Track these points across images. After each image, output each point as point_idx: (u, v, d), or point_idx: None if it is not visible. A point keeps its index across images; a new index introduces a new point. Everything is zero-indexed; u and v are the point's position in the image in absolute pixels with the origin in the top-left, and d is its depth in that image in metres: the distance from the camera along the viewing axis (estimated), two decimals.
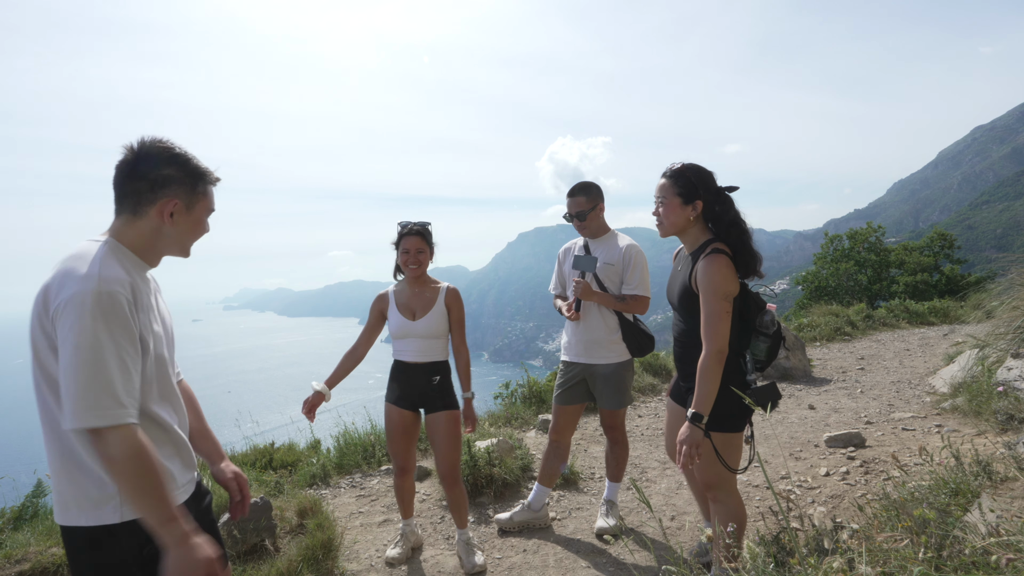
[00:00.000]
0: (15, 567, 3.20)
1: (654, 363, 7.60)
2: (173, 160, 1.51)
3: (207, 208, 1.61)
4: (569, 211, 3.19)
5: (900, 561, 1.46)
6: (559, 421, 3.37)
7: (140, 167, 1.49)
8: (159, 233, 1.53)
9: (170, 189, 1.50)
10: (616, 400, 3.26)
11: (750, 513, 3.49)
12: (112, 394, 1.31)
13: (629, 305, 3.13)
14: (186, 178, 1.53)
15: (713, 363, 2.15)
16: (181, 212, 1.53)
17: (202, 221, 1.61)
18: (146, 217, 1.50)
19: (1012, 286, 5.50)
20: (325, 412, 5.46)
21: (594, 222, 3.20)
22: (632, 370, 3.34)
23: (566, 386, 3.33)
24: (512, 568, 3.10)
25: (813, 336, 10.12)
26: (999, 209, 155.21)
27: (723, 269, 2.15)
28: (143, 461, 1.33)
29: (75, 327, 1.30)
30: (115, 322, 1.35)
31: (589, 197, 3.15)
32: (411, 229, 2.98)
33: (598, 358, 3.23)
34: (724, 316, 2.15)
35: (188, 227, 1.57)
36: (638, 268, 3.13)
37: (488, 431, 5.02)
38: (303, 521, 3.36)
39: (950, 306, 12.07)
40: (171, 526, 1.36)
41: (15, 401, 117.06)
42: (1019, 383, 4.25)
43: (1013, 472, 2.35)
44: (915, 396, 5.88)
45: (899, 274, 19.75)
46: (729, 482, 2.33)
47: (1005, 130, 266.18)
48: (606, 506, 3.46)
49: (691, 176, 2.26)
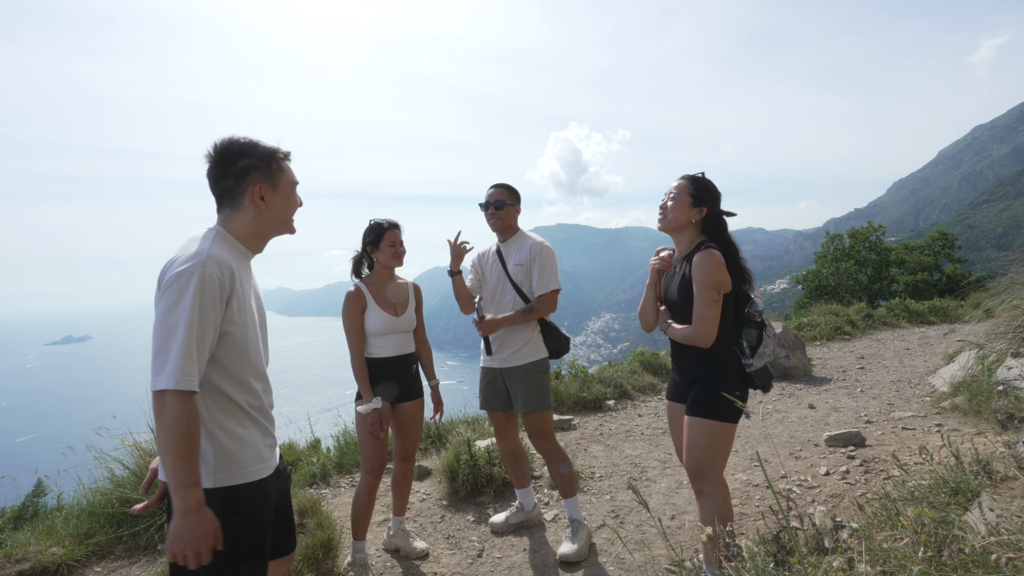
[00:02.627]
0: (15, 567, 3.20)
1: (654, 362, 7.60)
2: (243, 151, 1.68)
3: (290, 182, 1.77)
4: (488, 199, 3.17)
5: (900, 560, 1.46)
6: (495, 426, 3.37)
7: (221, 168, 1.68)
8: (259, 217, 1.71)
9: (252, 176, 1.68)
10: (535, 402, 3.13)
11: (750, 512, 3.49)
12: (179, 362, 1.46)
13: (538, 311, 3.10)
14: (259, 162, 1.70)
15: (694, 338, 2.34)
16: (269, 193, 1.71)
17: (292, 195, 1.77)
18: (242, 207, 1.70)
19: (1012, 285, 5.50)
20: (325, 412, 5.46)
21: (508, 217, 3.19)
22: (548, 370, 3.23)
23: (486, 391, 3.30)
24: (512, 568, 3.10)
25: (813, 335, 10.13)
26: (999, 208, 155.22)
27: (716, 261, 2.31)
28: (188, 426, 1.46)
29: (169, 297, 1.49)
30: (206, 300, 1.51)
31: (511, 194, 3.19)
32: (393, 223, 3.09)
33: (515, 360, 3.16)
34: (711, 303, 2.29)
35: (281, 204, 1.74)
36: (545, 265, 3.11)
37: (488, 431, 5.03)
38: (303, 520, 3.36)
39: (950, 305, 12.07)
40: (189, 491, 1.46)
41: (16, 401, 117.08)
42: (1019, 382, 4.25)
43: (1013, 471, 2.35)
44: (915, 395, 5.88)
45: (899, 273, 19.73)
46: (716, 473, 2.38)
47: (1005, 129, 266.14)
48: (571, 527, 3.18)
49: (707, 185, 2.45)
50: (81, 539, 3.46)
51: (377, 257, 3.08)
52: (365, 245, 3.11)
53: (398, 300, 3.12)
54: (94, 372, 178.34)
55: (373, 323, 3.02)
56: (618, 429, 5.53)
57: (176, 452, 1.45)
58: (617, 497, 3.92)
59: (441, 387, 3.35)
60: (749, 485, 3.91)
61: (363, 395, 2.98)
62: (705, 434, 2.35)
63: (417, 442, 3.25)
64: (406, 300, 3.16)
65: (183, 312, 1.48)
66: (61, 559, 3.29)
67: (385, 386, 3.09)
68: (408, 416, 3.17)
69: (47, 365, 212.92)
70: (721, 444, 2.37)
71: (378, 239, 3.06)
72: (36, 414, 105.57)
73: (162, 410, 1.45)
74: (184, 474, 1.46)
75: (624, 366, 7.44)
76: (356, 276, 3.17)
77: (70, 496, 3.96)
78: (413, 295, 3.21)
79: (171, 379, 1.45)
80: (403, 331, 3.10)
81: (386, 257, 3.07)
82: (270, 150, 1.72)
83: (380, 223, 3.08)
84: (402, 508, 3.33)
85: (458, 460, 4.09)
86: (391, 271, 3.14)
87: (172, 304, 1.48)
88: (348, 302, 3.03)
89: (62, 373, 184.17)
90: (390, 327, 3.04)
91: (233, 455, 1.61)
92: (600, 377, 6.81)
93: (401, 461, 3.25)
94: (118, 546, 3.55)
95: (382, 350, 3.06)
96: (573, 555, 3.05)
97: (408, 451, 3.23)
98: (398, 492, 3.30)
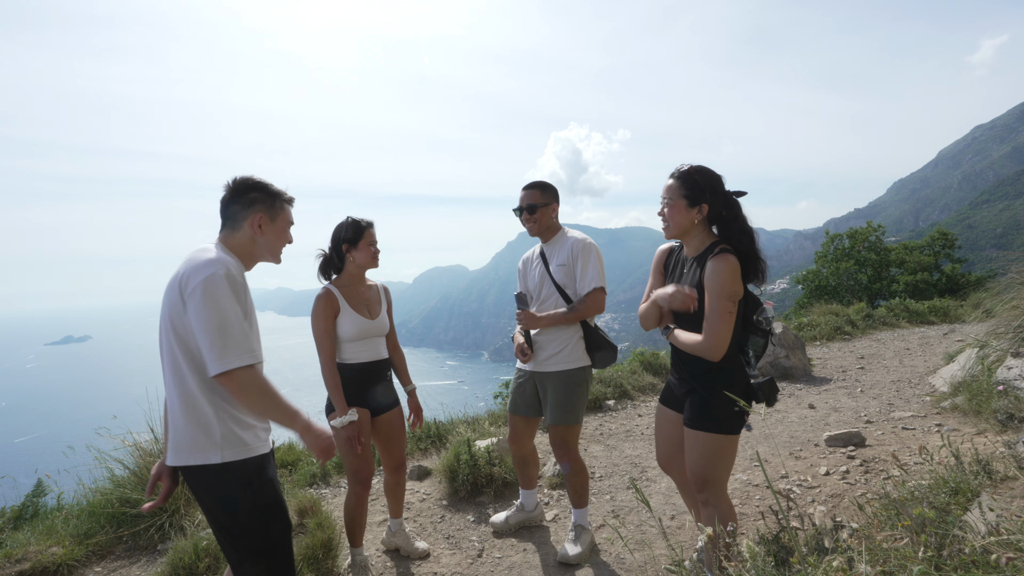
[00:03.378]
0: (15, 567, 3.20)
1: (654, 362, 7.60)
2: (256, 186, 2.01)
3: (287, 220, 2.09)
4: (520, 203, 3.04)
5: (900, 560, 1.46)
6: (512, 429, 3.27)
7: (235, 194, 1.99)
8: (253, 241, 2.01)
9: (257, 207, 2.00)
10: (566, 414, 2.98)
11: (750, 512, 3.49)
12: (239, 343, 1.79)
13: (581, 312, 2.91)
14: (267, 198, 2.03)
15: (703, 351, 2.19)
16: (267, 223, 2.02)
17: (285, 231, 2.09)
18: (242, 229, 2.00)
19: (1012, 285, 5.50)
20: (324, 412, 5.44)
21: (545, 219, 3.04)
22: (588, 381, 3.06)
23: (514, 393, 3.19)
24: (512, 567, 3.10)
25: (813, 335, 10.12)
26: (999, 208, 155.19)
27: (732, 270, 2.14)
28: (266, 388, 1.84)
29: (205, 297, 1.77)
30: (237, 295, 1.83)
31: (544, 193, 3.02)
32: (371, 222, 2.94)
33: (551, 365, 2.99)
34: (726, 316, 2.14)
35: (274, 235, 2.05)
36: (588, 262, 2.95)
37: (488, 430, 5.03)
38: (303, 520, 3.36)
39: (950, 305, 12.06)
40: (297, 422, 1.89)
41: (15, 401, 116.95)
42: (1019, 382, 4.25)
43: (1013, 471, 2.35)
44: (915, 395, 5.88)
45: (899, 273, 19.72)
46: (720, 484, 2.31)
47: (1005, 129, 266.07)
48: (575, 531, 3.16)
49: (699, 179, 2.25)
50: (81, 539, 3.46)
51: (354, 256, 2.90)
52: (339, 244, 2.91)
53: (371, 303, 2.97)
54: (94, 372, 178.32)
55: (347, 327, 2.83)
56: (618, 429, 5.53)
57: (268, 408, 1.86)
58: (617, 497, 3.92)
59: (441, 387, 3.35)
60: (749, 485, 3.91)
61: (336, 407, 2.77)
62: (707, 447, 2.25)
63: (404, 449, 3.15)
64: (379, 302, 3.02)
65: (224, 305, 1.78)
66: (61, 559, 3.29)
67: (371, 395, 2.96)
68: (390, 427, 3.05)
69: (47, 365, 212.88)
70: (724, 456, 2.27)
71: (357, 238, 2.88)
72: (36, 414, 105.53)
73: (239, 385, 1.78)
74: (286, 418, 1.87)
75: (624, 366, 7.44)
76: (325, 278, 2.97)
77: (70, 496, 3.96)
78: (384, 297, 3.08)
79: (237, 358, 1.77)
80: (377, 335, 2.97)
81: (364, 257, 2.90)
82: (277, 191, 2.05)
83: (359, 221, 2.90)
84: (399, 511, 3.29)
85: (458, 460, 4.09)
86: (363, 272, 2.97)
87: (212, 302, 1.76)
88: (319, 305, 2.82)
89: (62, 373, 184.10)
90: (365, 331, 2.88)
91: (237, 435, 1.87)
92: (600, 377, 6.80)
93: (392, 472, 3.15)
94: (118, 546, 3.55)
95: (357, 355, 2.89)
96: (574, 558, 3.03)
97: (397, 461, 3.13)
98: (393, 498, 3.24)
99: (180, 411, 1.85)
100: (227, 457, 1.85)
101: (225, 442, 1.85)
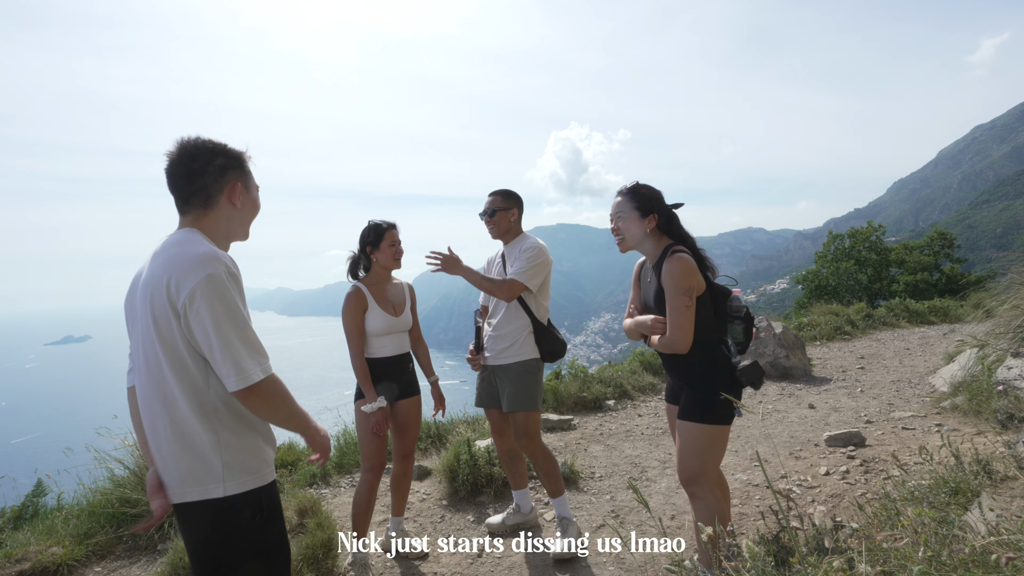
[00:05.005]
0: (15, 567, 3.20)
1: (654, 362, 7.60)
2: (218, 150, 1.64)
3: (256, 185, 1.77)
4: (484, 208, 3.23)
5: (900, 560, 1.46)
6: (491, 424, 3.38)
7: (195, 165, 1.61)
8: (229, 219, 1.68)
9: (229, 175, 1.65)
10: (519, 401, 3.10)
11: (750, 512, 3.49)
12: (258, 351, 1.55)
13: (488, 285, 3.04)
14: (235, 161, 1.67)
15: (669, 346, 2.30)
16: (243, 193, 1.69)
17: (257, 199, 1.77)
18: (217, 206, 1.65)
19: (1012, 285, 5.50)
20: (324, 412, 5.46)
21: (504, 223, 3.19)
22: (539, 371, 3.20)
23: (480, 388, 3.33)
24: (512, 568, 3.10)
25: (813, 335, 10.13)
26: (999, 208, 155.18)
27: (685, 266, 2.27)
28: (288, 393, 1.62)
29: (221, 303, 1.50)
30: (242, 295, 1.57)
31: (505, 199, 3.19)
32: (392, 223, 3.13)
33: (504, 358, 3.16)
34: (683, 310, 2.26)
35: (249, 206, 1.73)
36: (526, 259, 3.07)
37: (488, 430, 5.03)
38: (303, 520, 3.36)
39: (950, 305, 12.07)
40: (311, 424, 1.72)
41: (15, 401, 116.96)
42: (1019, 382, 4.25)
43: (1013, 471, 2.35)
44: (915, 395, 5.88)
45: (899, 273, 19.73)
46: (708, 477, 2.36)
47: (1005, 129, 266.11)
48: (561, 526, 3.20)
49: (645, 192, 2.42)
50: (81, 539, 3.46)
51: (377, 257, 3.11)
52: (364, 246, 3.13)
53: (396, 300, 3.16)
54: (94, 372, 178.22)
55: (374, 323, 3.04)
56: (618, 429, 5.53)
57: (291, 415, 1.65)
58: (617, 497, 3.92)
59: (441, 387, 3.37)
60: (749, 485, 3.91)
61: (366, 394, 2.99)
62: (695, 438, 2.33)
63: (416, 440, 3.28)
64: (403, 300, 3.21)
65: (235, 310, 1.52)
66: (61, 559, 3.29)
67: (386, 385, 3.11)
68: (406, 414, 3.19)
69: (47, 365, 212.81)
70: (712, 447, 2.34)
71: (378, 240, 3.09)
72: (36, 414, 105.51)
73: (265, 396, 1.55)
74: (303, 422, 1.68)
75: (624, 366, 7.44)
76: (353, 277, 3.19)
77: (70, 496, 3.96)
78: (409, 295, 3.26)
79: (260, 369, 1.54)
80: (402, 331, 3.16)
81: (386, 258, 3.10)
82: (240, 151, 1.70)
83: (379, 224, 3.11)
84: (401, 508, 3.34)
85: (458, 460, 4.10)
86: (389, 272, 3.18)
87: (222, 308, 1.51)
88: (349, 303, 3.03)
89: (62, 373, 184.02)
90: (390, 327, 3.07)
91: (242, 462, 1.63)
92: (600, 377, 6.81)
93: (401, 460, 3.26)
94: (118, 546, 3.55)
95: (382, 350, 3.09)
96: (565, 553, 3.06)
97: (407, 449, 3.25)
98: (397, 492, 3.31)
99: (169, 440, 1.58)
100: (230, 490, 1.59)
101: (228, 472, 1.59)
